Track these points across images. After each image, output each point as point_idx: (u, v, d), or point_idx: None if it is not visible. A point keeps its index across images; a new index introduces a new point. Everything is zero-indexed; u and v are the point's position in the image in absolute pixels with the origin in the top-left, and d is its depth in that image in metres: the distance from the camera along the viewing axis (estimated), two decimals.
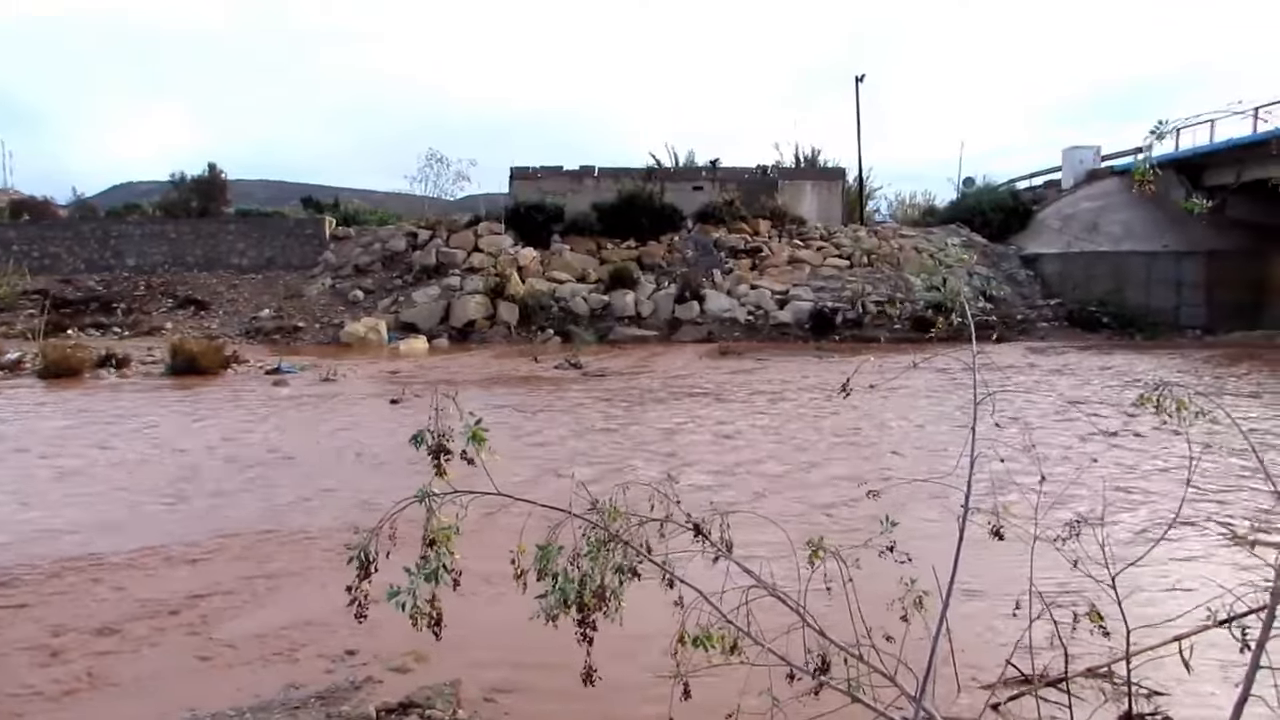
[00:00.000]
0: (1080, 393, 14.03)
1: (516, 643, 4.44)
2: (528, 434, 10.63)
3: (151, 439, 10.36)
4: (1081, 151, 32.88)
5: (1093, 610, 3.09)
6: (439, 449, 2.55)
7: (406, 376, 16.37)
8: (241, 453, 9.60)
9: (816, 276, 26.71)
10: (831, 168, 35.23)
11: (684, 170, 34.16)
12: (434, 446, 2.54)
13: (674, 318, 24.93)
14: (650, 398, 13.74)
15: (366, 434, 10.67)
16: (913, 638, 3.09)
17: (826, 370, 17.14)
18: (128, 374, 16.38)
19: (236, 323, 24.58)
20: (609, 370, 17.39)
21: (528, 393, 14.49)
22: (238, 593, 5.42)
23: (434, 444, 2.55)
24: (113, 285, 26.88)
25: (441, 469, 2.53)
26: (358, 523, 6.38)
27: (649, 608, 3.28)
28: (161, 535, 6.57)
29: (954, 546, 3.04)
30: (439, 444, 2.55)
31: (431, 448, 2.54)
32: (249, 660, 4.47)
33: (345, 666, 4.33)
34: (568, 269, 26.42)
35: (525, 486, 7.64)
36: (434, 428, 2.55)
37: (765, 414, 12.12)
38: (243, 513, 7.24)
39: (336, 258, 28.02)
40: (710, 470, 8.64)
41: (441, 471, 2.53)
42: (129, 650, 4.61)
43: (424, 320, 24.18)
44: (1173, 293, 26.41)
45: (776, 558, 4.06)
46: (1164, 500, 7.22)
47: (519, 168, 32.09)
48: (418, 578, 2.39)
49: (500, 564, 2.71)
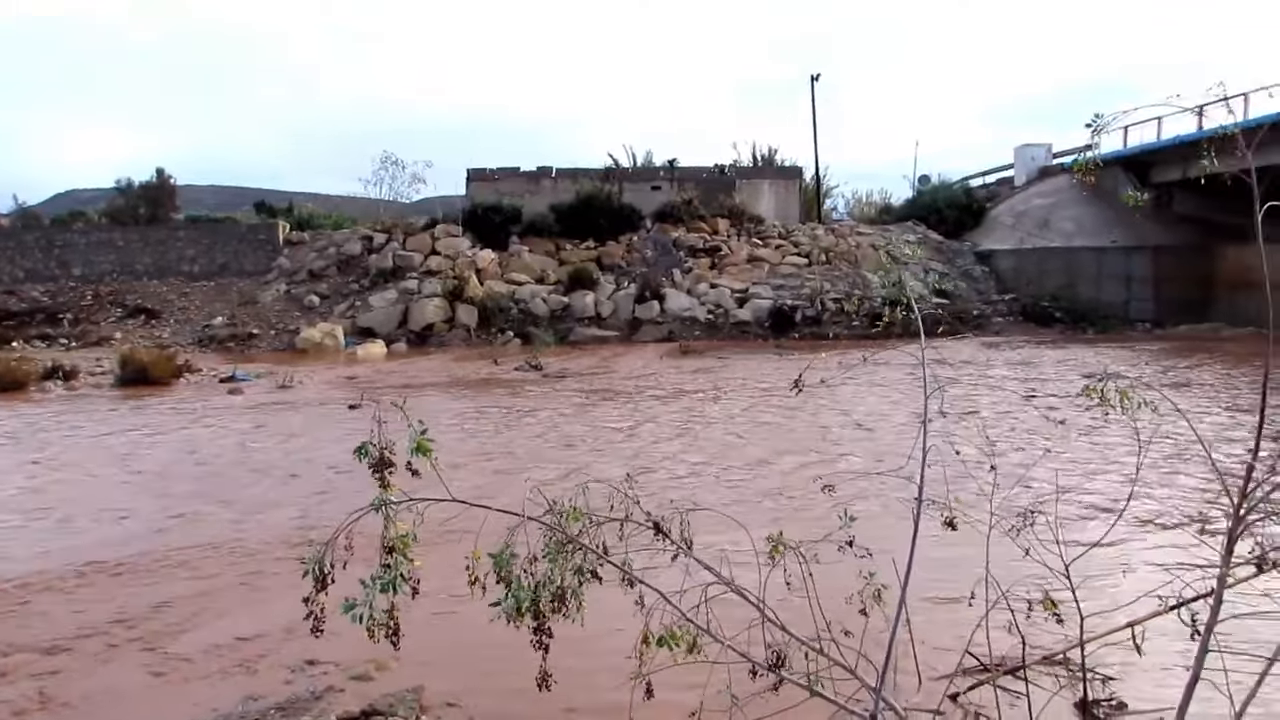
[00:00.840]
0: (1033, 385, 14.29)
1: (478, 648, 4.41)
2: (488, 437, 10.56)
3: (101, 451, 10.12)
4: (1033, 149, 33.48)
5: (1047, 598, 3.15)
6: (382, 462, 2.51)
7: (365, 382, 16.19)
8: (196, 463, 9.41)
9: (775, 275, 26.88)
10: (788, 166, 35.48)
11: (642, 170, 34.18)
12: (375, 460, 2.50)
13: (634, 318, 24.93)
14: (611, 398, 13.73)
15: (324, 441, 10.52)
16: (873, 630, 3.12)
17: (786, 368, 17.25)
18: (76, 386, 15.98)
19: (189, 331, 24.10)
20: (569, 371, 17.35)
21: (488, 396, 14.40)
22: (193, 605, 5.31)
23: (376, 457, 2.50)
24: (59, 295, 26.20)
25: (385, 482, 2.49)
26: (315, 532, 6.31)
27: (611, 608, 3.27)
28: (114, 549, 6.42)
29: (911, 539, 3.07)
30: (382, 457, 2.51)
31: (373, 461, 2.50)
32: (206, 674, 4.39)
33: (305, 676, 4.26)
34: (527, 270, 26.30)
35: (486, 490, 7.59)
36: (377, 440, 2.50)
37: (726, 411, 12.17)
38: (198, 524, 7.10)
39: (291, 263, 27.60)
40: (671, 468, 8.65)
41: (385, 485, 2.49)
42: (81, 668, 4.50)
43: (381, 324, 23.92)
44: (1123, 287, 27.00)
45: (738, 554, 4.08)
46: (1114, 488, 7.37)
47: (476, 169, 31.88)
48: (373, 589, 2.36)
49: (460, 570, 2.69)
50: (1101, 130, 2.64)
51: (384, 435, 2.45)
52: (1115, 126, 2.79)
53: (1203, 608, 2.96)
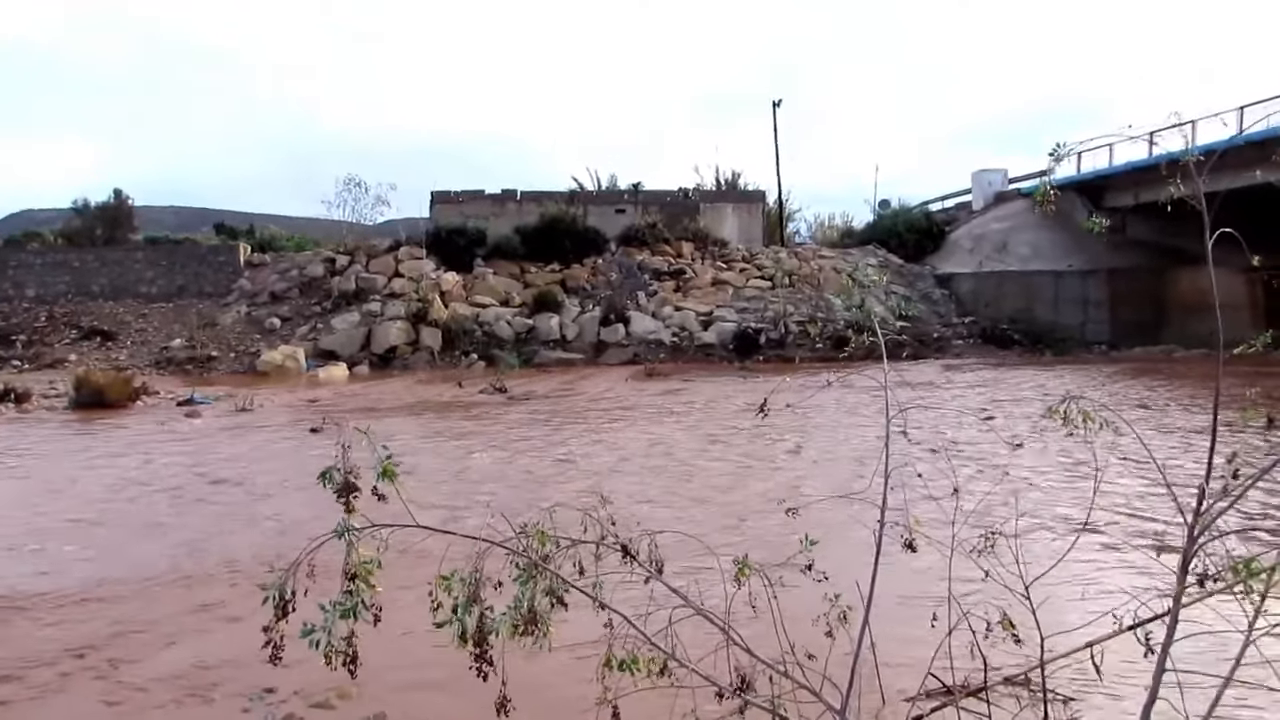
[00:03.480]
0: (993, 407, 14.50)
1: (441, 674, 4.35)
2: (452, 460, 10.47)
3: (52, 475, 9.87)
4: (990, 174, 34.19)
5: (1005, 619, 3.18)
6: (347, 487, 2.48)
7: (327, 405, 15.99)
8: (150, 487, 9.21)
9: (739, 297, 27.08)
10: (752, 190, 35.88)
11: (606, 193, 34.36)
12: (340, 485, 2.47)
13: (599, 340, 24.95)
14: (577, 420, 13.69)
15: (284, 464, 10.36)
16: (837, 652, 3.13)
17: (750, 390, 17.34)
18: (28, 409, 15.59)
19: (146, 353, 23.67)
20: (534, 394, 17.28)
21: (452, 419, 14.29)
22: (147, 633, 5.19)
23: (340, 482, 2.47)
24: (12, 317, 25.64)
25: (350, 507, 2.46)
26: (275, 557, 6.19)
27: (579, 631, 3.26)
28: (65, 576, 6.25)
29: (872, 562, 3.10)
30: (346, 482, 2.48)
31: (338, 486, 2.47)
32: (161, 703, 4.28)
33: (263, 705, 4.17)
34: (491, 293, 26.23)
35: (450, 514, 7.52)
36: (341, 464, 2.48)
37: (691, 434, 12.19)
38: (152, 549, 6.94)
39: (252, 285, 27.28)
40: (638, 491, 8.64)
41: (350, 509, 2.46)
42: (32, 697, 4.37)
43: (344, 347, 23.68)
44: (1079, 310, 27.59)
45: (704, 576, 4.08)
46: (1073, 509, 7.49)
47: (440, 192, 31.82)
48: (333, 615, 2.33)
49: (422, 595, 2.66)
50: (1062, 158, 2.71)
51: (348, 460, 2.42)
52: (1072, 153, 2.87)
53: (1159, 628, 3.01)
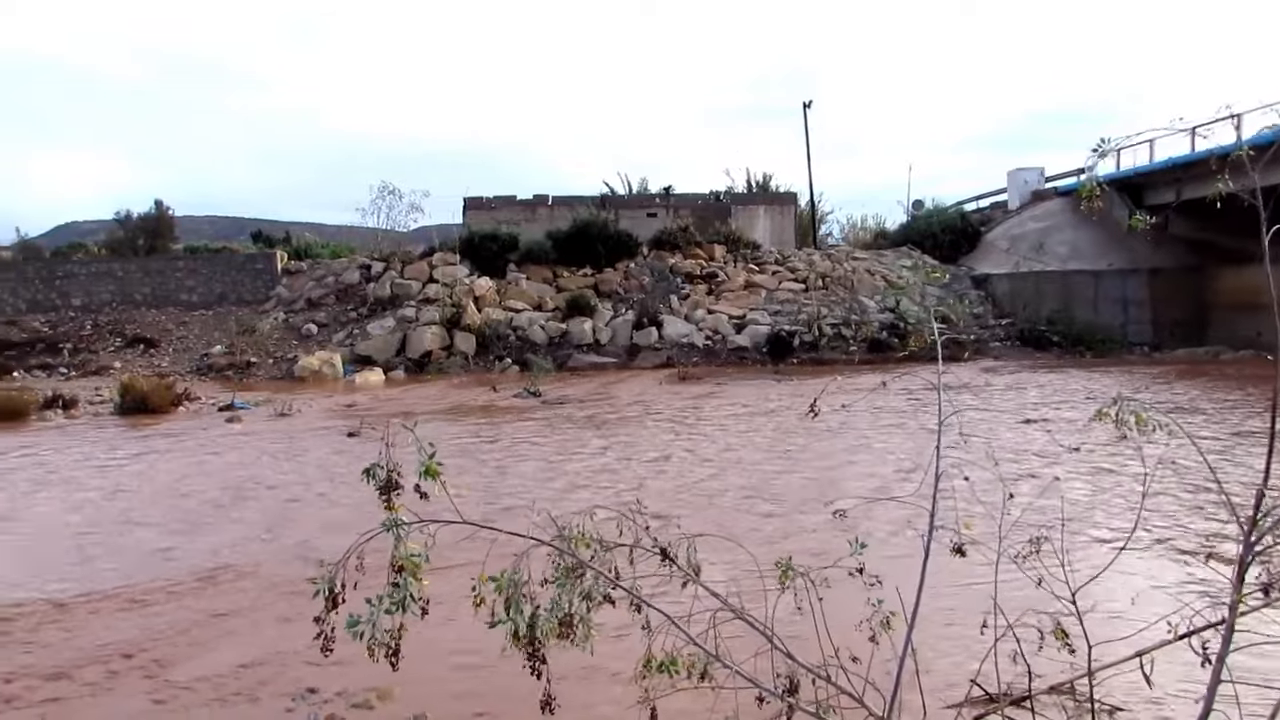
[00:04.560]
0: (1034, 410, 14.29)
1: (482, 674, 4.38)
2: (488, 463, 10.53)
3: (99, 479, 10.07)
4: (1026, 173, 33.71)
5: (1057, 628, 3.12)
6: (389, 484, 2.51)
7: (363, 409, 16.16)
8: (194, 491, 9.37)
9: (772, 300, 26.95)
10: (783, 192, 35.70)
11: (637, 197, 34.37)
12: (383, 482, 2.50)
13: (632, 344, 24.95)
14: (611, 424, 13.70)
15: (324, 467, 10.48)
16: (880, 658, 3.09)
17: (785, 393, 17.25)
18: (75, 415, 15.94)
19: (187, 360, 24.08)
20: (568, 398, 17.32)
21: (487, 422, 14.37)
22: (193, 633, 5.27)
23: (383, 479, 2.50)
24: (59, 325, 26.20)
25: (391, 504, 2.49)
26: (321, 555, 6.27)
27: (620, 634, 3.25)
28: (114, 576, 6.37)
29: (920, 566, 3.06)
30: (389, 479, 2.51)
31: (380, 483, 2.50)
32: (206, 701, 4.34)
33: (306, 705, 4.22)
34: (524, 298, 26.34)
35: (488, 515, 7.55)
36: (385, 462, 2.51)
37: (727, 437, 12.14)
38: (198, 551, 7.05)
39: (289, 292, 27.64)
40: (675, 494, 8.62)
41: (391, 507, 2.49)
42: (83, 695, 4.46)
43: (380, 352, 23.90)
44: (1119, 310, 27.07)
45: (744, 580, 4.05)
46: (1123, 515, 7.35)
47: (472, 198, 32.03)
48: (378, 608, 2.34)
49: (465, 594, 2.66)
50: (1106, 154, 2.65)
51: (390, 458, 2.45)
52: (1114, 149, 2.82)
53: (1213, 636, 2.93)
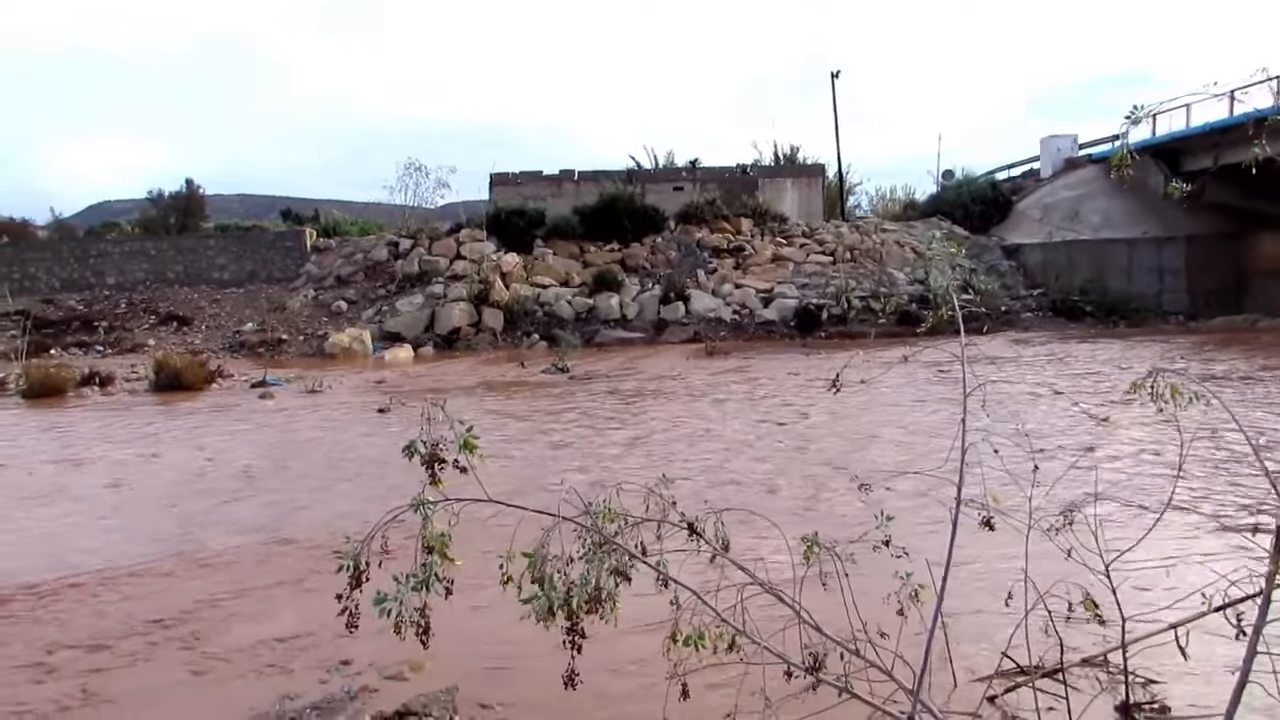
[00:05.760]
0: (1069, 382, 14.11)
1: (512, 648, 4.42)
2: (517, 439, 10.59)
3: (137, 455, 10.26)
4: (1059, 140, 33.06)
5: (1087, 599, 3.09)
6: (433, 458, 2.53)
7: (393, 385, 16.30)
8: (227, 466, 9.51)
9: (800, 273, 26.76)
10: (811, 164, 35.28)
11: (664, 171, 34.14)
12: (427, 456, 2.52)
13: (660, 319, 24.91)
14: (639, 399, 13.72)
15: (354, 443, 10.60)
16: (909, 632, 3.08)
17: (814, 366, 17.17)
18: (112, 392, 16.23)
19: (220, 337, 24.40)
20: (596, 373, 17.36)
21: (516, 398, 14.44)
22: (229, 605, 5.37)
23: (427, 454, 2.52)
24: (94, 304, 26.64)
25: (436, 478, 2.52)
26: (349, 531, 6.35)
27: (646, 608, 3.26)
28: (149, 550, 6.50)
29: (948, 539, 3.04)
30: (433, 453, 2.53)
31: (425, 457, 2.52)
32: (242, 673, 4.43)
33: (340, 676, 4.29)
34: (551, 273, 26.36)
35: (516, 492, 7.61)
36: (426, 437, 2.53)
37: (755, 411, 12.12)
38: (232, 525, 7.17)
39: (318, 269, 27.87)
40: (702, 469, 8.63)
41: (436, 480, 2.51)
42: (122, 666, 4.57)
43: (408, 329, 24.06)
44: (1155, 279, 26.58)
45: (772, 555, 4.06)
46: (1156, 486, 7.25)
47: (499, 174, 32.00)
48: (405, 586, 2.37)
49: (493, 570, 2.69)
50: (1140, 120, 2.59)
51: (429, 433, 2.46)
52: (1149, 114, 2.74)
53: (1250, 608, 2.89)
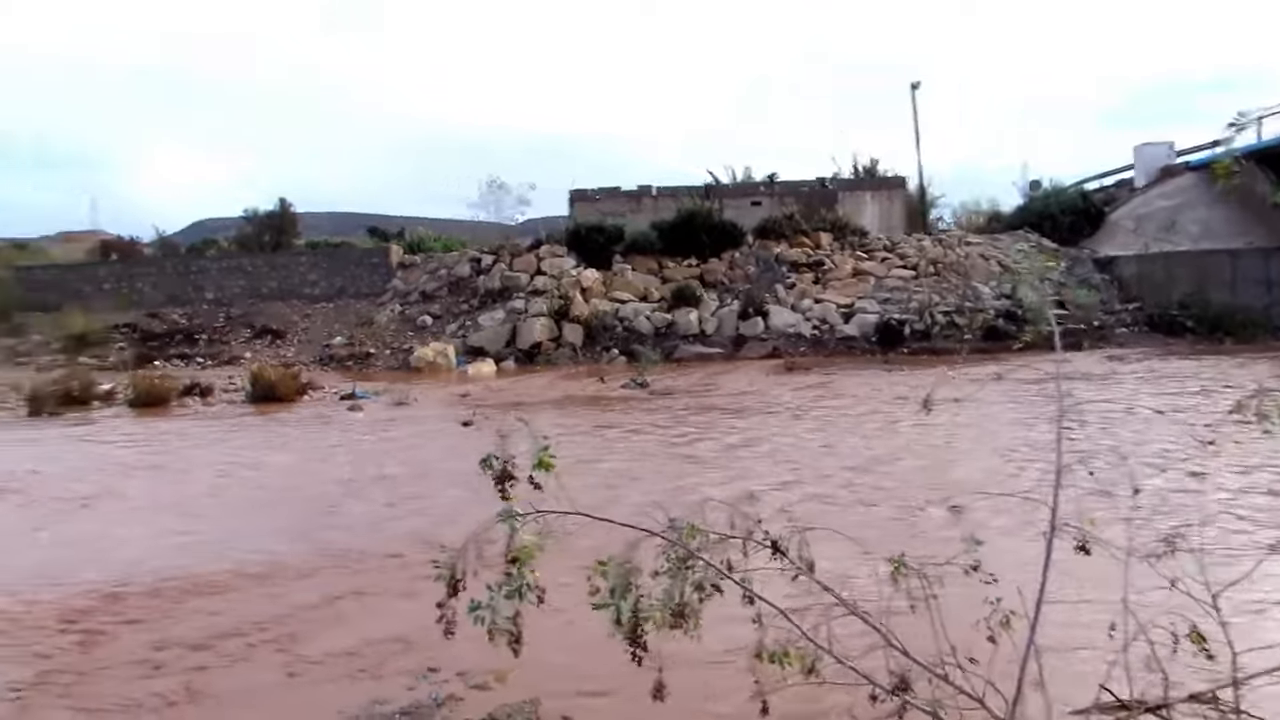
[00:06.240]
0: (1168, 401, 13.54)
1: (595, 661, 4.45)
2: (598, 454, 10.67)
3: (235, 463, 10.69)
4: (1154, 148, 31.81)
5: (1194, 631, 2.96)
6: (504, 475, 2.61)
7: (476, 399, 16.61)
8: (320, 475, 9.83)
9: (881, 288, 26.34)
10: (890, 177, 34.81)
11: (741, 186, 34.12)
12: (498, 473, 2.60)
13: (738, 334, 24.82)
14: (719, 414, 13.69)
15: (441, 455, 10.85)
16: (1000, 659, 3.00)
17: (897, 383, 16.86)
18: (211, 402, 16.97)
19: (311, 350, 25.25)
20: (675, 389, 17.38)
21: (596, 413, 14.56)
22: (322, 611, 5.55)
23: (499, 470, 2.60)
24: (195, 317, 27.90)
25: (506, 494, 2.59)
26: (440, 541, 6.51)
27: (731, 626, 3.26)
28: (248, 554, 6.76)
29: (1041, 565, 2.95)
30: (504, 470, 2.60)
31: (496, 474, 2.59)
32: (334, 676, 4.58)
33: (427, 684, 4.39)
34: (630, 289, 26.53)
35: (599, 506, 7.67)
36: (500, 453, 2.60)
37: (838, 428, 11.96)
38: (325, 532, 7.41)
39: (404, 285, 28.63)
40: (784, 486, 8.55)
41: (506, 497, 2.58)
42: (223, 665, 4.78)
43: (491, 343, 24.51)
44: (1262, 292, 25.19)
45: (856, 575, 4.00)
46: (1268, 514, 6.90)
47: (578, 190, 32.47)
48: (498, 595, 2.42)
49: (580, 582, 2.73)
50: (1244, 127, 2.49)
51: (505, 449, 2.53)
52: (1252, 120, 2.64)
53: None
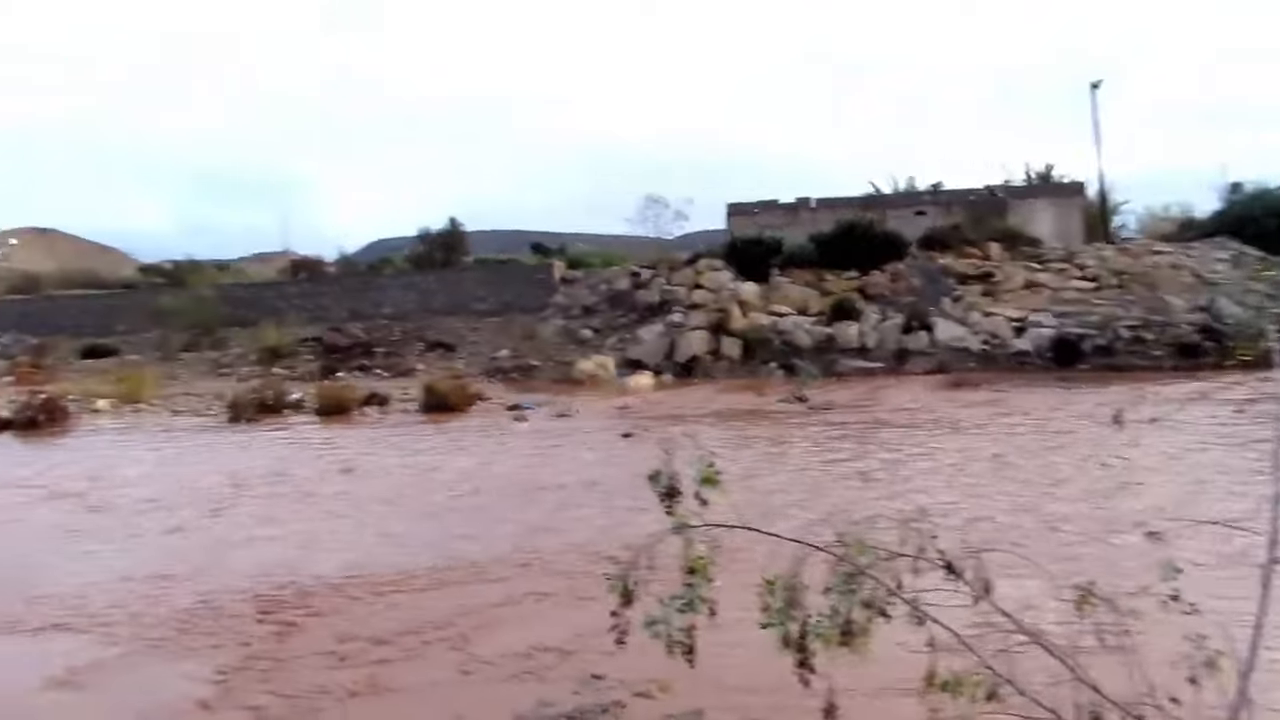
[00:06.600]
0: None
1: (761, 677, 4.43)
2: (757, 468, 10.62)
3: (415, 467, 11.36)
4: None
5: None
6: (670, 491, 2.66)
7: (635, 411, 16.87)
8: (493, 482, 10.29)
9: (1057, 301, 24.87)
10: (1067, 183, 32.94)
11: (904, 196, 33.16)
12: (664, 489, 2.66)
13: (901, 348, 24.07)
14: (883, 431, 13.33)
15: (604, 466, 11.11)
16: (1204, 703, 2.78)
17: (1077, 400, 15.86)
18: (388, 411, 18.08)
19: (479, 363, 26.39)
20: (836, 403, 17.05)
21: (755, 426, 14.50)
22: (493, 612, 5.80)
23: (665, 486, 2.66)
24: (373, 332, 29.74)
25: (672, 510, 2.63)
26: (606, 550, 6.70)
27: (898, 647, 3.17)
28: (425, 554, 7.17)
29: (1252, 602, 2.72)
30: (670, 486, 2.66)
31: (662, 490, 2.65)
32: (504, 677, 4.78)
33: (592, 690, 4.50)
34: (788, 302, 26.25)
35: (760, 521, 7.63)
36: (667, 469, 2.67)
37: (1013, 445, 11.39)
38: (496, 538, 7.76)
39: (566, 299, 29.49)
40: (955, 504, 8.22)
41: (672, 513, 2.63)
42: (401, 660, 5.08)
43: (649, 356, 24.84)
44: None
45: (1038, 602, 3.81)
46: None
47: (735, 204, 32.48)
48: (672, 607, 2.47)
49: (743, 597, 2.73)
50: None
51: (670, 463, 2.58)
52: None
53: None
